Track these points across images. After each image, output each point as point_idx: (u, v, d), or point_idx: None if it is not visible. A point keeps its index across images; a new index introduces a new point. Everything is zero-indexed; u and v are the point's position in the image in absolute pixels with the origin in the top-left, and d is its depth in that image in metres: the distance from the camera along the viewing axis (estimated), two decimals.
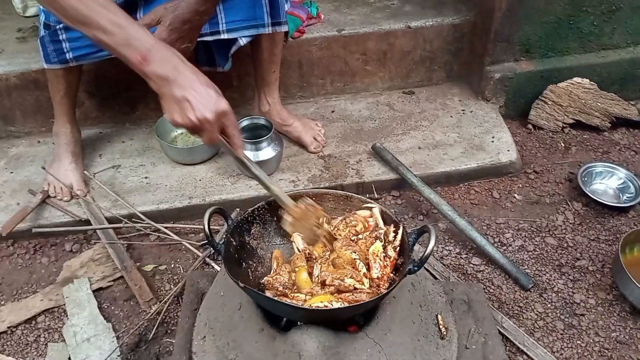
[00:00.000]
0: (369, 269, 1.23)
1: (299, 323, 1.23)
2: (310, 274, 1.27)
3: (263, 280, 1.26)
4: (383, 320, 1.26)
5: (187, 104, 1.08)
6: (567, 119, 2.25)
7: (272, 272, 1.30)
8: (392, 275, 1.24)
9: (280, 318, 1.29)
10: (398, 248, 1.26)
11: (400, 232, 1.28)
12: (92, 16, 1.06)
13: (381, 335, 1.24)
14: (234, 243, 1.30)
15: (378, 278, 1.22)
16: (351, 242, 1.29)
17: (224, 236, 1.28)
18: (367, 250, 1.26)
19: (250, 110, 2.25)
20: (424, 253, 1.15)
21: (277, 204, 1.40)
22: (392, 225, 1.30)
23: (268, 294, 1.23)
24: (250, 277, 1.32)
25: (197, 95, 1.08)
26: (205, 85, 1.10)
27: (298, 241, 1.35)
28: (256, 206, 1.38)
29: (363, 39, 2.26)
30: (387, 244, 1.27)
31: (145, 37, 1.08)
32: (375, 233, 1.29)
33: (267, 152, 1.96)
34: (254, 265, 1.35)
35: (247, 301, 1.31)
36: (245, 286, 1.15)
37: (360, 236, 1.31)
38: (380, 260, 1.23)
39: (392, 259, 1.25)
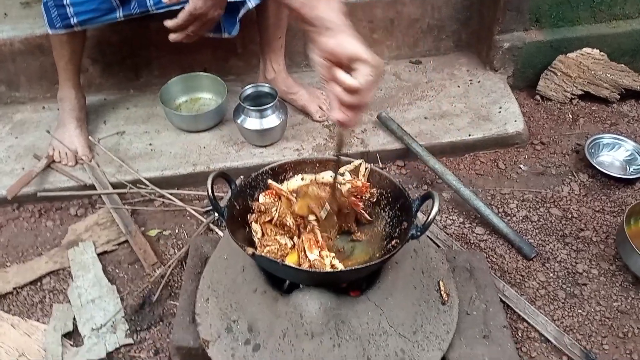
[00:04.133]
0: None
1: (301, 286, 1.24)
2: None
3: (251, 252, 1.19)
4: (385, 284, 1.27)
5: None
6: (575, 90, 2.22)
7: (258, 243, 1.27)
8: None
9: (283, 281, 1.30)
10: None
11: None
12: None
13: (382, 299, 1.25)
14: (238, 207, 1.30)
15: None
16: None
17: (228, 200, 1.29)
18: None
19: (255, 78, 2.23)
20: (427, 218, 1.15)
21: (280, 170, 1.40)
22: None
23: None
24: (253, 239, 1.33)
25: None
26: None
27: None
28: (260, 171, 1.38)
29: (370, 6, 2.22)
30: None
31: None
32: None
33: (271, 120, 1.95)
34: None
35: (250, 264, 1.32)
36: (241, 245, 1.16)
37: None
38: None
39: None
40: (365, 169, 1.37)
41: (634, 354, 1.45)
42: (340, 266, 1.16)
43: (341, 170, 1.36)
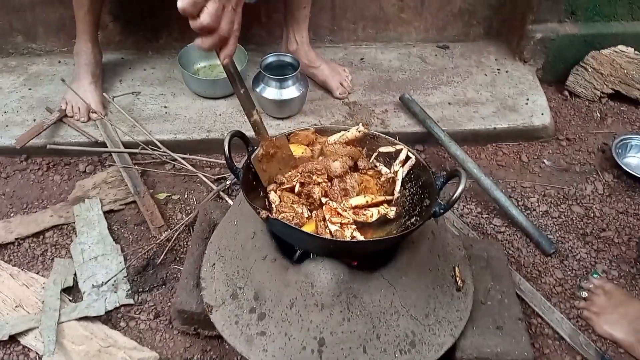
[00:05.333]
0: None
1: (312, 256, 1.19)
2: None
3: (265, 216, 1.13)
4: (400, 264, 1.22)
5: None
6: (606, 88, 2.14)
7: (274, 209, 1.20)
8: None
9: (294, 250, 1.24)
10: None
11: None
12: None
13: (396, 278, 1.20)
14: (253, 170, 1.25)
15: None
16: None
17: (245, 161, 1.23)
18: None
19: (277, 50, 2.16)
20: (453, 196, 1.09)
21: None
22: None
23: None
24: (266, 206, 1.27)
25: None
26: None
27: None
28: (277, 136, 1.32)
29: None
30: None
31: None
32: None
33: (291, 91, 1.89)
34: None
35: (261, 231, 1.27)
36: (256, 207, 1.11)
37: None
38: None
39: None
40: (407, 158, 1.27)
41: None
42: (360, 238, 1.10)
43: (381, 149, 1.30)
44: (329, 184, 1.21)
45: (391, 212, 1.20)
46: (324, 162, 1.24)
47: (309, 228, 1.13)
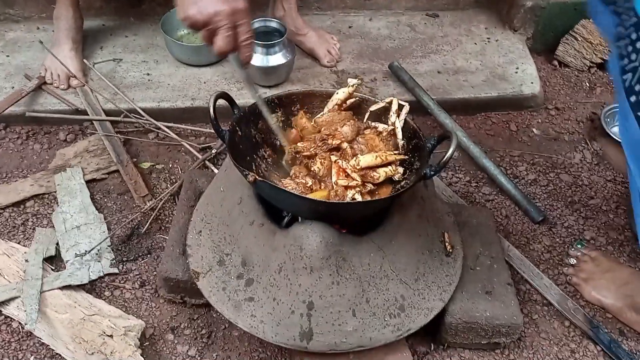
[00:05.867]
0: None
1: (300, 220, 1.17)
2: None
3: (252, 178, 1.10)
4: (390, 228, 1.20)
5: None
6: (595, 58, 2.13)
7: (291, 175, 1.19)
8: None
9: (282, 215, 1.22)
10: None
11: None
12: None
13: (386, 242, 1.18)
14: (240, 133, 1.21)
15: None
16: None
17: (230, 124, 1.20)
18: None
19: (264, 16, 2.11)
20: (444, 157, 1.07)
21: (287, 101, 1.31)
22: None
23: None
24: (253, 170, 1.24)
25: None
26: None
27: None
28: (265, 98, 1.29)
29: None
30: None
31: None
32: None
33: (277, 58, 1.85)
34: (257, 160, 1.26)
35: (247, 196, 1.24)
36: (243, 170, 1.08)
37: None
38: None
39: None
40: (400, 106, 1.23)
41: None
42: (359, 198, 1.08)
43: (372, 108, 1.27)
44: (333, 152, 1.18)
45: (398, 173, 1.17)
46: (332, 127, 1.21)
47: (319, 195, 1.10)
